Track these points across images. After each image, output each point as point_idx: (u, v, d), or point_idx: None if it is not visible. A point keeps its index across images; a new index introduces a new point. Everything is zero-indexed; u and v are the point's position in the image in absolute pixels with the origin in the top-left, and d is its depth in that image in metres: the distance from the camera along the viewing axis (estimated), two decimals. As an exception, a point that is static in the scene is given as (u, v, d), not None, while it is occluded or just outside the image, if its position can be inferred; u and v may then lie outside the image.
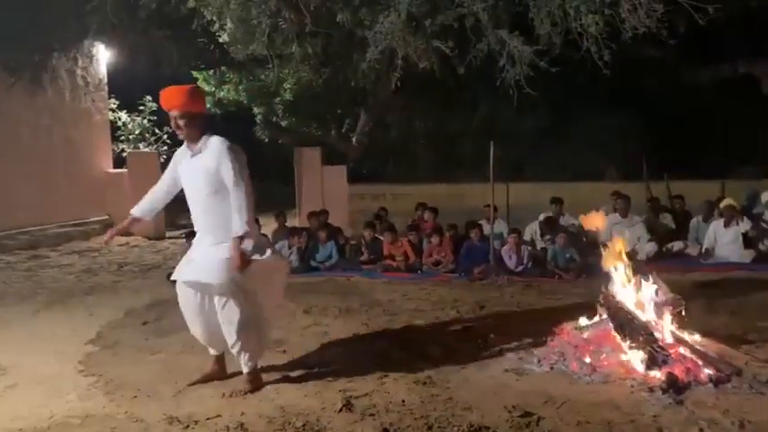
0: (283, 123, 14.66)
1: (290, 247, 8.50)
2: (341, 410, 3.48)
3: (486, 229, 8.40)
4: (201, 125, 3.79)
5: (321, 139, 14.02)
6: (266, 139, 14.93)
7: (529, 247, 8.30)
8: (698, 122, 12.82)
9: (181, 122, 3.70)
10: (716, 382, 3.74)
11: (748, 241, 8.14)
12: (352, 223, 11.15)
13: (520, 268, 7.91)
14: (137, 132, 14.90)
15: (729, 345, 4.37)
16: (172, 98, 3.70)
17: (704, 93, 13.35)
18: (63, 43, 9.85)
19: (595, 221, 6.14)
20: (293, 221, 11.12)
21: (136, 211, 4.04)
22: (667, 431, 3.15)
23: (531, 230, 8.97)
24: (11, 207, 10.84)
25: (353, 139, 13.82)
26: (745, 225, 8.21)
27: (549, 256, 8.03)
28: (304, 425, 3.29)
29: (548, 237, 8.56)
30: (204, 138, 3.78)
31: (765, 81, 12.39)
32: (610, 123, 12.58)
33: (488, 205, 8.56)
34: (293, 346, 4.83)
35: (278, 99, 13.89)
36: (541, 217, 9.07)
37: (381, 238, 8.62)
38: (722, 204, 8.48)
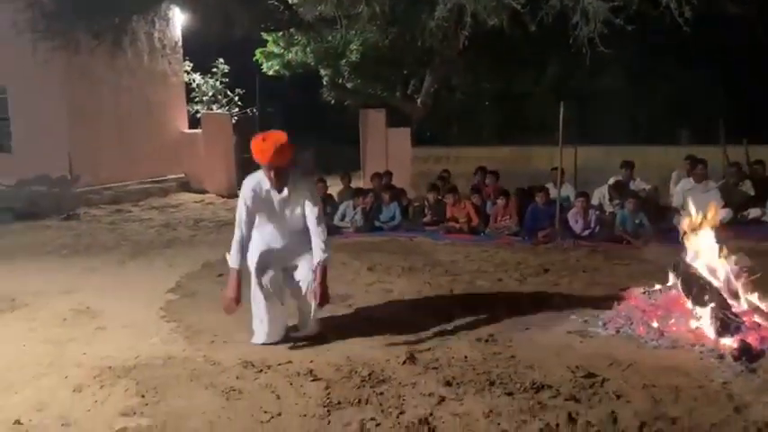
0: (349, 85, 14.65)
1: (354, 208, 8.62)
2: (405, 363, 3.55)
3: (553, 192, 8.20)
4: (287, 175, 3.94)
5: (386, 100, 13.95)
6: (332, 101, 14.99)
7: (597, 212, 8.07)
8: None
9: (271, 173, 3.88)
10: (792, 351, 3.57)
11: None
12: (414, 185, 11.15)
13: (586, 232, 7.71)
14: (210, 94, 15.32)
15: (809, 315, 4.14)
16: (264, 153, 3.83)
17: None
18: (142, 7, 10.13)
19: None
20: (358, 183, 11.23)
21: (237, 263, 3.90)
22: (738, 398, 3.04)
23: (600, 194, 8.70)
24: (95, 164, 11.46)
25: (418, 101, 13.68)
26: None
27: (617, 221, 7.77)
28: (370, 374, 3.38)
29: (617, 201, 8.27)
30: (291, 181, 3.95)
31: None
32: (686, 84, 11.90)
33: (555, 168, 8.34)
34: (358, 301, 4.94)
35: (344, 61, 13.85)
36: (611, 181, 8.78)
37: (444, 200, 8.59)
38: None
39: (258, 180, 3.98)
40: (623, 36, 7.61)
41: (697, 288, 4.02)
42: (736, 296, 4.05)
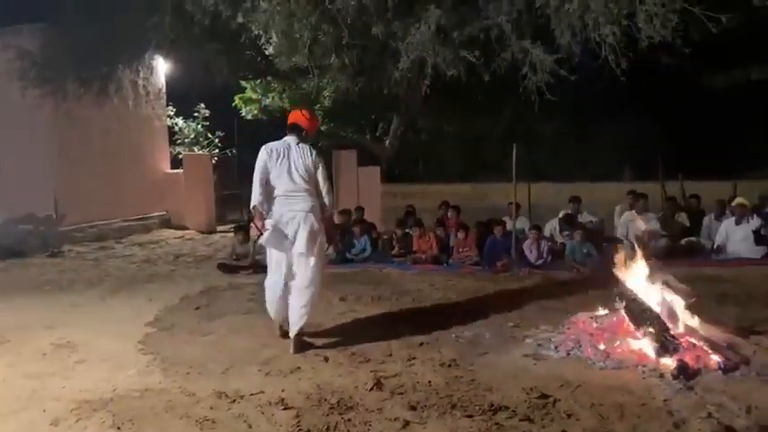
0: (323, 128, 14.76)
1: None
2: (372, 389, 3.51)
3: (509, 225, 8.33)
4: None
5: (357, 142, 14.07)
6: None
7: (549, 243, 8.19)
8: (711, 126, 12.44)
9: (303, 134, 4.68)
10: (725, 369, 3.64)
11: (759, 238, 7.87)
12: (384, 220, 11.17)
13: (540, 261, 7.82)
14: (192, 136, 15.21)
15: (738, 335, 4.24)
16: (301, 118, 4.73)
17: (718, 97, 12.94)
18: (127, 57, 10.08)
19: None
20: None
21: (257, 201, 4.50)
22: (677, 414, 3.08)
23: (551, 227, 8.86)
24: (81, 203, 11.21)
25: (387, 142, 13.83)
26: (755, 222, 7.94)
27: (567, 251, 7.91)
28: (339, 401, 3.32)
29: (566, 232, 8.43)
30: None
31: (778, 85, 11.93)
32: (626, 127, 12.31)
33: (511, 203, 8.49)
34: (329, 330, 4.88)
35: (318, 105, 13.99)
36: (561, 214, 8.95)
37: (411, 233, 8.63)
38: (734, 203, 8.23)
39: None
40: (568, 84, 7.86)
41: (639, 312, 4.09)
42: (674, 319, 4.14)
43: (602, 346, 4.03)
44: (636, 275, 4.47)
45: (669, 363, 3.69)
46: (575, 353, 4.06)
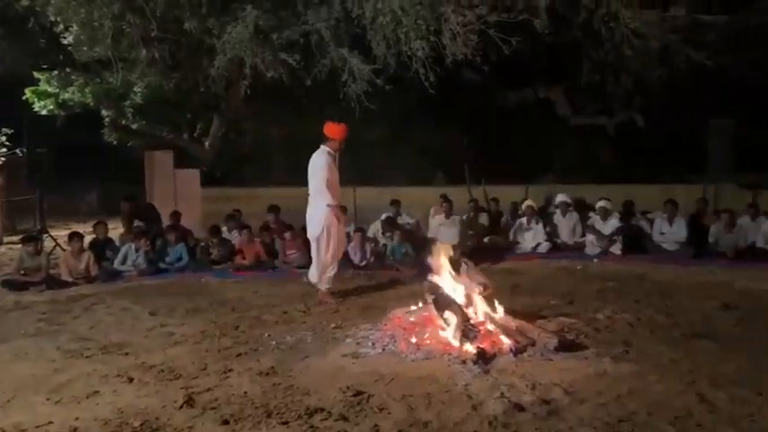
0: (134, 126, 13.55)
1: (136, 250, 7.89)
2: (182, 407, 3.29)
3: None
4: None
5: (173, 142, 13.19)
6: (115, 142, 13.73)
7: (372, 244, 8.50)
8: (508, 137, 14.02)
9: (341, 144, 6.14)
10: (515, 351, 4.09)
11: (547, 235, 9.06)
12: (205, 225, 10.61)
13: (364, 263, 8.08)
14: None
15: (527, 320, 4.80)
16: (339, 130, 6.11)
17: (514, 111, 14.67)
18: None
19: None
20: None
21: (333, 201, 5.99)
22: (475, 397, 3.39)
23: (374, 229, 9.21)
24: None
25: (206, 144, 13.19)
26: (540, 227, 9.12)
27: (388, 251, 8.30)
28: (142, 424, 3.06)
29: (387, 234, 8.84)
30: None
31: (558, 103, 13.92)
32: (439, 136, 13.35)
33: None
34: (136, 348, 4.48)
35: (128, 102, 12.79)
36: (383, 216, 9.35)
37: (230, 238, 8.34)
38: (524, 205, 9.36)
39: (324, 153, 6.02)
40: (387, 94, 8.28)
41: (445, 305, 4.43)
42: (474, 309, 4.56)
43: (413, 340, 4.28)
44: (444, 272, 4.84)
45: (470, 349, 4.05)
46: (390, 348, 4.25)
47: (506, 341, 4.19)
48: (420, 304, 4.85)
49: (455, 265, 4.87)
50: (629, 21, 7.66)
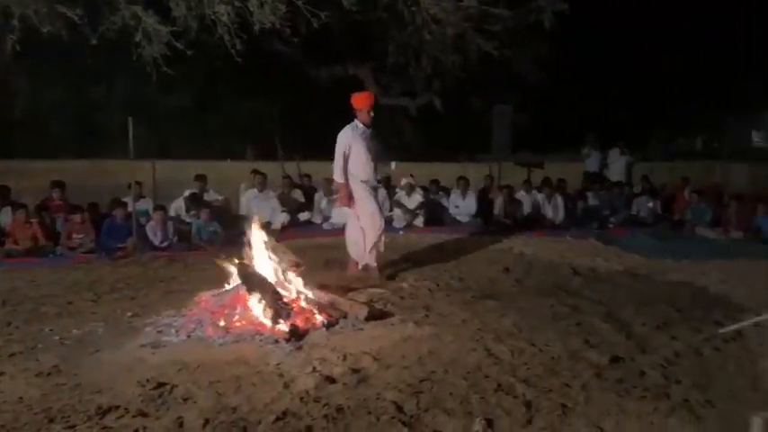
0: None
1: None
2: (-69, 425, 2.73)
3: (131, 206, 7.71)
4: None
5: None
6: None
7: (175, 223, 7.95)
8: (320, 113, 14.13)
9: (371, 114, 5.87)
10: (327, 325, 4.19)
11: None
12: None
13: (165, 243, 7.53)
14: None
15: (340, 293, 4.94)
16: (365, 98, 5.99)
17: (327, 87, 14.78)
18: None
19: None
20: None
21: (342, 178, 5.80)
22: (287, 374, 3.38)
23: (177, 206, 8.62)
24: None
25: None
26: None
27: (194, 230, 7.85)
28: None
29: (193, 212, 8.34)
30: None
31: (367, 82, 14.37)
32: (248, 108, 12.90)
33: (133, 183, 7.87)
34: None
35: None
36: (186, 193, 8.79)
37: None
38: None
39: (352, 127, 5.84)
40: (190, 60, 7.70)
41: (255, 284, 4.33)
42: (286, 287, 4.54)
43: (222, 323, 4.11)
44: (256, 250, 4.72)
45: (283, 328, 4.02)
46: (196, 334, 4.03)
47: (319, 316, 4.25)
48: (229, 285, 4.68)
49: (268, 242, 4.77)
50: (428, 6, 8.16)
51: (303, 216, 9.29)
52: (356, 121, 5.91)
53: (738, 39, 16.55)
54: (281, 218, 8.83)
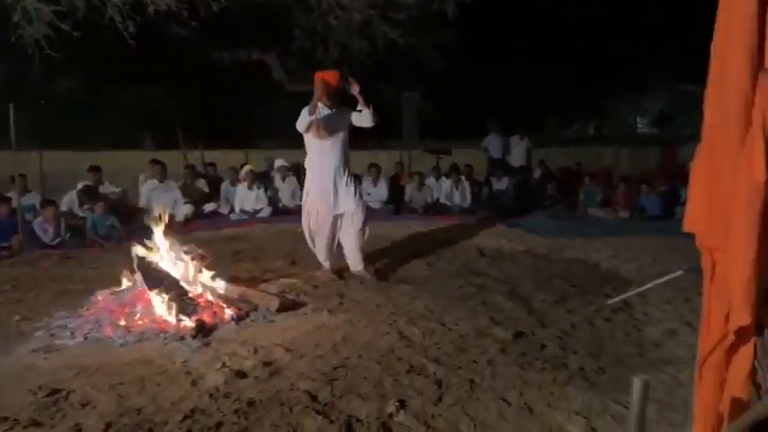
0: None
1: None
2: None
3: (16, 201, 7.07)
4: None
5: None
6: None
7: (67, 218, 7.38)
8: (225, 99, 13.66)
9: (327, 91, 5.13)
10: (237, 319, 4.09)
11: (269, 199, 9.19)
12: None
13: (57, 240, 6.98)
14: None
15: (250, 285, 4.84)
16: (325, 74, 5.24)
17: (229, 73, 14.26)
18: None
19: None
20: None
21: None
22: (195, 372, 3.27)
23: (69, 200, 8.00)
24: None
25: None
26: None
27: (88, 225, 7.33)
28: None
29: (87, 206, 7.78)
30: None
31: (273, 68, 14.05)
32: (144, 95, 12.17)
33: (22, 175, 7.22)
34: None
35: None
36: (80, 185, 8.18)
37: None
38: (243, 170, 9.29)
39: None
40: (78, 43, 7.15)
41: (157, 280, 4.14)
42: (191, 282, 4.38)
43: (122, 322, 3.90)
44: (157, 244, 4.50)
45: (188, 324, 3.88)
46: (94, 335, 3.80)
47: (227, 310, 4.14)
48: (128, 282, 4.44)
49: (170, 235, 4.57)
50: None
51: (209, 207, 8.95)
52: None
53: (625, 26, 17.84)
54: (185, 209, 8.46)
